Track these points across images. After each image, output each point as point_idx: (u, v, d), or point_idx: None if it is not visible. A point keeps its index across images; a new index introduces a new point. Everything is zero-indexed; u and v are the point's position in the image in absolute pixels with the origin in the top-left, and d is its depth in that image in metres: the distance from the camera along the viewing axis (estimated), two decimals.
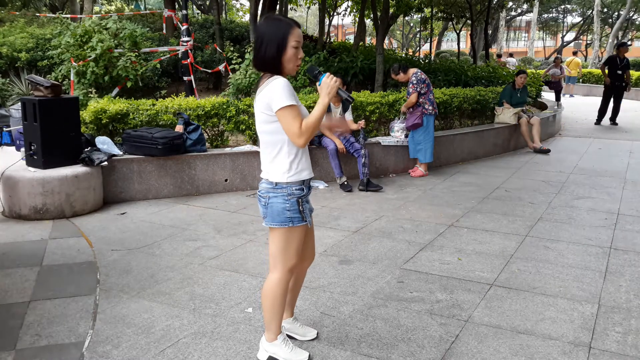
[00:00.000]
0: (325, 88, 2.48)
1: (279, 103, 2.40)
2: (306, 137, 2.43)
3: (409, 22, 41.45)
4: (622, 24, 30.13)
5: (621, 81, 12.17)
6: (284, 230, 2.57)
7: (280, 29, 2.44)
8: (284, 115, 2.41)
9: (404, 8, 14.43)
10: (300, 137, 2.42)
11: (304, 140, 2.43)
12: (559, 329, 3.11)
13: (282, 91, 2.40)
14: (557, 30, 48.08)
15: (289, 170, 2.53)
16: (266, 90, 2.44)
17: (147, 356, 2.80)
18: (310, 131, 2.43)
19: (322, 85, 2.50)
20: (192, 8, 24.05)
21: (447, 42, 50.09)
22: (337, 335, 3.02)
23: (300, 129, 2.41)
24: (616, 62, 12.14)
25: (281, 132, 2.49)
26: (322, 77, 2.52)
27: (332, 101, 2.55)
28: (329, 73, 2.54)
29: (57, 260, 4.12)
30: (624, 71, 12.10)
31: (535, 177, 7.17)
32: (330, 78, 2.49)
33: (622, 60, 12.13)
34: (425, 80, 7.02)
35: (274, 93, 2.41)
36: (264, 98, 2.46)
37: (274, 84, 2.43)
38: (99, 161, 5.47)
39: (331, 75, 2.51)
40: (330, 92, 2.47)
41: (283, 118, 2.42)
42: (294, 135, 2.42)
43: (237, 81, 8.28)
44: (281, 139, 2.51)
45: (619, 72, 12.09)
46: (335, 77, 2.52)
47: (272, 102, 2.42)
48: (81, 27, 8.72)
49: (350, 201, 5.93)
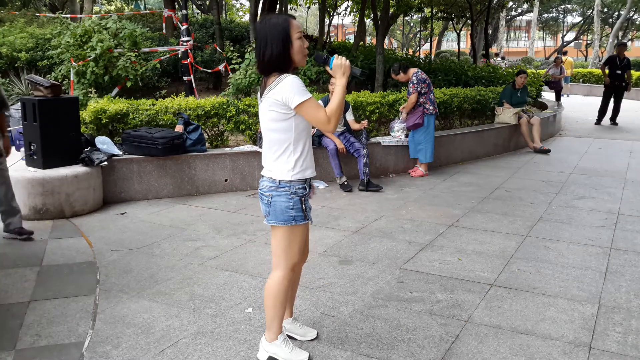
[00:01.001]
0: (339, 69, 2.51)
1: (298, 98, 2.43)
2: (334, 121, 2.48)
3: (409, 22, 41.45)
4: (622, 23, 30.11)
5: (621, 81, 12.17)
6: (287, 228, 2.59)
7: (280, 25, 2.46)
8: (307, 108, 2.45)
9: (404, 8, 14.43)
10: (329, 123, 2.46)
11: (334, 124, 2.48)
12: (559, 329, 3.11)
13: (298, 87, 2.43)
14: (557, 30, 48.09)
15: (293, 168, 2.54)
16: (278, 88, 2.45)
17: (147, 356, 2.80)
18: (337, 115, 2.47)
19: (334, 68, 2.52)
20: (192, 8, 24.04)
21: (447, 42, 50.09)
22: (337, 336, 3.02)
23: (327, 115, 2.45)
24: (616, 62, 12.15)
25: (290, 130, 2.51)
26: (332, 60, 2.53)
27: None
28: (337, 55, 2.55)
29: (57, 260, 4.12)
30: (624, 71, 12.10)
31: (535, 177, 7.17)
32: (339, 58, 2.52)
33: (622, 60, 12.14)
34: (425, 80, 7.01)
35: (289, 90, 2.43)
36: (276, 96, 2.46)
37: (286, 81, 2.44)
38: (98, 161, 5.47)
39: (339, 56, 2.53)
40: (345, 72, 2.51)
41: (306, 110, 2.45)
42: (323, 122, 2.46)
43: (237, 81, 8.27)
44: (289, 137, 2.52)
45: (619, 72, 12.11)
46: (344, 57, 2.54)
47: (290, 99, 2.43)
48: (81, 27, 8.71)
49: (350, 201, 5.92)
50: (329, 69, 2.54)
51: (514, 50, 53.10)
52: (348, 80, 2.53)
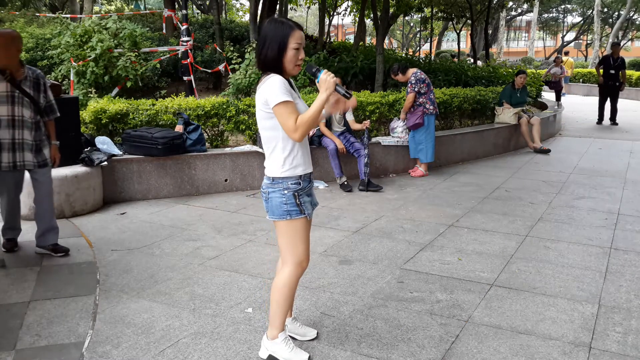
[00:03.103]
0: (323, 84, 2.54)
1: (275, 99, 2.47)
2: (301, 132, 2.48)
3: (409, 22, 41.45)
4: (622, 23, 30.11)
5: (615, 81, 12.25)
6: (285, 222, 2.64)
7: (282, 30, 2.51)
8: (279, 111, 2.48)
9: (404, 8, 14.42)
10: (295, 132, 2.48)
11: (299, 134, 2.49)
12: (559, 329, 3.11)
13: (277, 88, 2.47)
14: (557, 30, 48.08)
15: (282, 165, 2.59)
16: (263, 88, 2.53)
17: (147, 356, 2.80)
18: (306, 126, 2.48)
19: (320, 82, 2.55)
20: (192, 8, 24.04)
21: (447, 42, 50.10)
22: (337, 336, 3.02)
23: (295, 123, 2.47)
24: (610, 61, 12.24)
25: (277, 129, 2.56)
26: (320, 74, 2.58)
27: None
28: (326, 70, 2.60)
29: (57, 260, 4.12)
30: (618, 71, 12.18)
31: (535, 177, 7.17)
32: (327, 74, 2.55)
33: (615, 60, 12.26)
34: (425, 80, 7.01)
35: (269, 90, 2.49)
36: (261, 95, 2.54)
37: (269, 81, 2.51)
38: (98, 161, 5.47)
39: (328, 72, 2.57)
40: (328, 88, 2.52)
41: (279, 114, 2.49)
42: (290, 129, 2.49)
43: (237, 81, 8.27)
44: (276, 135, 2.58)
45: (612, 71, 12.21)
46: (332, 74, 2.57)
47: (269, 99, 2.49)
48: (81, 27, 8.71)
49: (350, 201, 5.92)
50: (317, 82, 2.58)
51: (514, 50, 53.11)
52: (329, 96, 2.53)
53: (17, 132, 3.93)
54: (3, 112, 3.88)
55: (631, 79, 20.93)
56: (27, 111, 3.97)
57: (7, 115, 3.89)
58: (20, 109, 3.94)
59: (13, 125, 3.92)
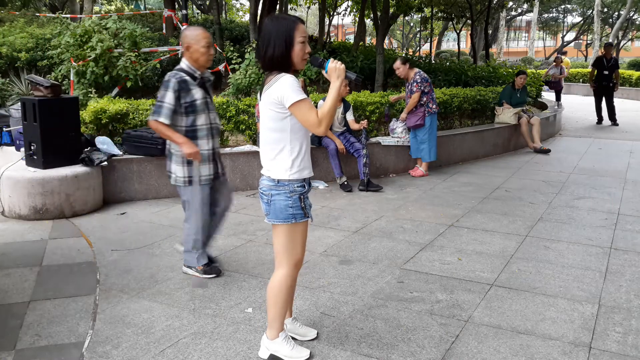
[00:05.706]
0: (333, 72, 2.52)
1: (292, 98, 2.45)
2: (326, 124, 2.48)
3: (409, 22, 41.46)
4: (622, 23, 30.14)
5: (608, 81, 12.29)
6: (288, 226, 2.61)
7: (286, 26, 2.49)
8: (299, 109, 2.46)
9: (404, 8, 14.44)
10: (319, 125, 2.47)
11: (324, 127, 2.48)
12: (559, 329, 3.11)
13: (293, 87, 2.46)
14: (557, 30, 48.09)
15: (291, 167, 2.57)
16: (275, 87, 2.48)
17: (147, 356, 2.80)
18: (328, 118, 2.48)
19: (329, 71, 2.54)
20: (192, 8, 24.04)
21: (447, 42, 50.10)
22: (337, 336, 3.02)
23: (318, 117, 2.46)
24: (603, 62, 12.29)
25: (287, 130, 2.54)
26: (327, 63, 2.56)
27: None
28: (332, 58, 2.58)
29: (57, 261, 4.12)
30: (611, 71, 12.24)
31: (535, 177, 7.17)
32: (334, 62, 2.54)
33: (609, 60, 12.33)
34: (427, 79, 7.03)
35: (285, 90, 2.46)
36: (273, 95, 2.49)
37: (282, 80, 2.47)
38: (98, 161, 5.47)
39: (334, 59, 2.56)
40: (340, 75, 2.51)
41: (299, 111, 2.47)
42: (314, 124, 2.47)
43: (237, 81, 8.27)
44: (284, 136, 2.55)
45: (606, 72, 12.27)
46: (339, 61, 2.56)
47: (285, 98, 2.46)
48: (81, 27, 8.70)
49: (350, 201, 5.92)
50: (325, 73, 2.57)
51: (514, 50, 53.11)
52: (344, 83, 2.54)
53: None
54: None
55: (631, 79, 20.93)
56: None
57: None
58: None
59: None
